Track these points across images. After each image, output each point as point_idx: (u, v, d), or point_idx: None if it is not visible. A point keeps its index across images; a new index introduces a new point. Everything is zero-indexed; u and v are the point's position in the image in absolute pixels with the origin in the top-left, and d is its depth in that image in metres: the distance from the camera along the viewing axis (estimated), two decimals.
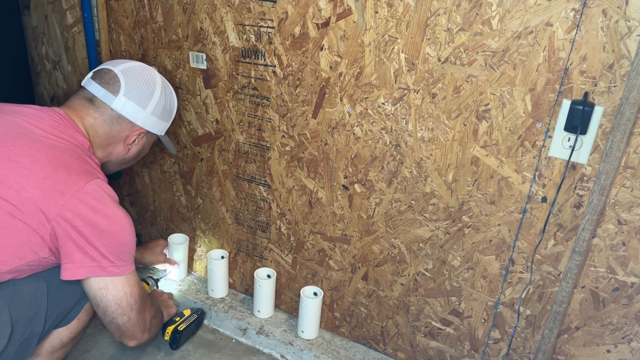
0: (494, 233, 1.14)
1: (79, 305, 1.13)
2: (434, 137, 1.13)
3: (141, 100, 1.15)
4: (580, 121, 0.96)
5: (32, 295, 1.00)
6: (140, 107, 1.15)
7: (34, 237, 0.95)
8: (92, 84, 1.13)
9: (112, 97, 1.11)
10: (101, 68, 1.16)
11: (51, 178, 0.95)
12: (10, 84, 1.69)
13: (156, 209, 1.69)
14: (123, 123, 1.14)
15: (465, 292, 1.23)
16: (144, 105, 1.16)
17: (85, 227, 0.96)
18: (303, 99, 1.26)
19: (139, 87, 1.15)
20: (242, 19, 1.26)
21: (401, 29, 1.08)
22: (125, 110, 1.13)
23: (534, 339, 1.19)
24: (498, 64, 1.02)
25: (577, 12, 0.92)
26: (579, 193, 1.03)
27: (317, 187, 1.33)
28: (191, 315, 1.48)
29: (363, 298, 1.38)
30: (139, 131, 1.17)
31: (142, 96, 1.15)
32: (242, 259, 1.57)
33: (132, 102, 1.13)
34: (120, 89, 1.12)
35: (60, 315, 1.09)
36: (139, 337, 1.12)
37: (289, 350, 1.44)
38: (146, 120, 1.17)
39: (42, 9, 1.62)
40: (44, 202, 0.94)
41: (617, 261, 1.04)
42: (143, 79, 1.16)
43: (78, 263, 0.98)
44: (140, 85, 1.15)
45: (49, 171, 0.96)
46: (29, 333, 1.00)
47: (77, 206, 0.95)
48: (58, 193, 0.95)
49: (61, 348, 1.14)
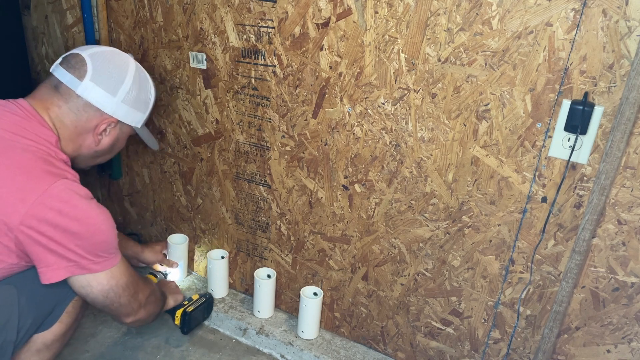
0: (494, 233, 1.14)
1: (59, 309, 1.09)
2: (434, 137, 1.13)
3: (110, 86, 1.06)
4: (580, 121, 0.96)
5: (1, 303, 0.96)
6: (109, 93, 1.06)
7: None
8: (59, 69, 1.05)
9: (77, 82, 1.03)
10: (70, 53, 1.08)
11: (7, 186, 0.90)
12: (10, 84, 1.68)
13: (156, 209, 1.69)
14: (90, 111, 1.05)
15: (465, 292, 1.23)
16: (112, 91, 1.06)
17: (54, 231, 0.91)
18: (303, 99, 1.26)
19: (108, 72, 1.06)
20: (242, 19, 1.26)
21: (401, 29, 1.08)
22: (91, 96, 1.04)
23: (534, 339, 1.19)
24: (498, 64, 1.02)
25: (577, 12, 0.92)
26: (579, 193, 1.03)
27: (317, 187, 1.33)
28: (199, 298, 1.48)
29: (363, 298, 1.38)
30: (108, 120, 1.08)
31: (111, 82, 1.06)
32: (242, 259, 1.57)
33: (99, 88, 1.04)
34: (86, 73, 1.03)
35: (38, 320, 1.05)
36: (134, 314, 1.10)
37: (289, 350, 1.44)
38: (116, 108, 1.08)
39: (42, 9, 1.62)
40: (4, 213, 0.89)
41: (617, 261, 1.04)
42: (113, 64, 1.07)
43: (54, 265, 0.93)
44: (110, 70, 1.06)
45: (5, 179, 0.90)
46: (1, 341, 0.96)
47: (41, 211, 0.90)
48: (18, 201, 0.89)
49: (46, 349, 1.10)
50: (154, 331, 1.52)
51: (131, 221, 1.77)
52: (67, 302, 1.11)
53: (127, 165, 1.68)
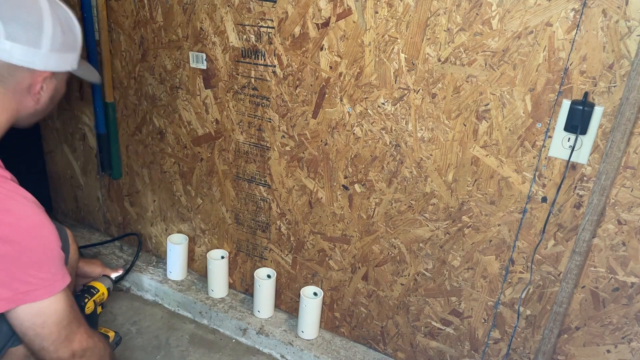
0: (494, 233, 1.14)
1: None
2: (434, 137, 1.13)
3: (30, 40, 0.90)
4: (580, 121, 0.96)
5: None
6: (32, 47, 0.90)
7: None
8: None
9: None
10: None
11: None
12: None
13: (156, 209, 1.69)
14: (18, 73, 0.90)
15: (465, 292, 1.23)
16: (35, 44, 0.90)
17: None
18: (303, 99, 1.26)
19: (22, 22, 0.89)
20: (242, 19, 1.26)
21: (401, 29, 1.08)
22: (15, 56, 0.89)
23: (534, 339, 1.19)
24: (498, 64, 1.02)
25: (577, 12, 0.92)
26: (579, 193, 1.03)
27: (317, 187, 1.33)
28: None
29: (363, 298, 1.38)
30: (42, 76, 0.94)
31: (30, 33, 0.90)
32: (242, 259, 1.57)
33: (19, 45, 0.89)
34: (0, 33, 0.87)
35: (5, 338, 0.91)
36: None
37: (289, 350, 1.44)
38: (47, 59, 0.93)
39: None
40: None
41: (617, 261, 1.04)
42: (24, 12, 0.90)
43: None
44: (23, 20, 0.89)
45: None
46: None
47: None
48: None
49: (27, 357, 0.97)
50: (154, 331, 1.52)
51: (131, 221, 1.77)
52: None
53: (127, 165, 1.68)
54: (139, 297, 1.68)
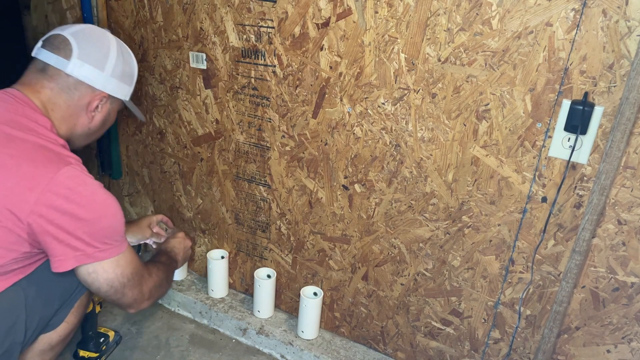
0: (494, 233, 1.14)
1: (65, 309, 1.10)
2: (434, 137, 1.13)
3: (97, 62, 1.06)
4: (580, 121, 0.96)
5: (9, 305, 0.96)
6: (98, 68, 1.07)
7: (10, 236, 0.92)
8: (43, 52, 1.04)
9: (65, 62, 1.03)
10: (50, 34, 1.07)
11: (14, 176, 0.91)
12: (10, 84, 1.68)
13: (156, 209, 1.69)
14: (82, 88, 1.06)
15: (465, 292, 1.23)
16: (101, 66, 1.07)
17: (62, 218, 0.92)
18: (303, 99, 1.26)
19: (93, 48, 1.06)
20: (242, 19, 1.26)
21: (401, 29, 1.08)
22: (81, 73, 1.05)
23: (534, 339, 1.19)
24: (498, 64, 1.02)
25: (577, 12, 0.92)
26: (579, 193, 1.03)
27: (317, 187, 1.33)
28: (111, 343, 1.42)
29: (363, 298, 1.38)
30: (100, 95, 1.08)
31: (98, 57, 1.07)
32: (242, 259, 1.57)
33: (87, 65, 1.05)
34: (72, 52, 1.03)
35: (43, 321, 1.05)
36: (137, 306, 1.09)
37: (289, 350, 1.44)
38: (106, 82, 1.09)
39: (42, 9, 1.62)
40: (13, 203, 0.90)
41: (617, 261, 1.04)
42: (96, 40, 1.08)
43: (62, 256, 0.94)
44: (94, 46, 1.07)
45: (11, 169, 0.91)
46: (9, 343, 0.97)
47: (50, 199, 0.91)
48: (27, 190, 0.90)
49: (50, 350, 1.12)
50: (154, 331, 1.52)
51: None
52: (73, 303, 1.12)
53: (127, 165, 1.68)
54: None
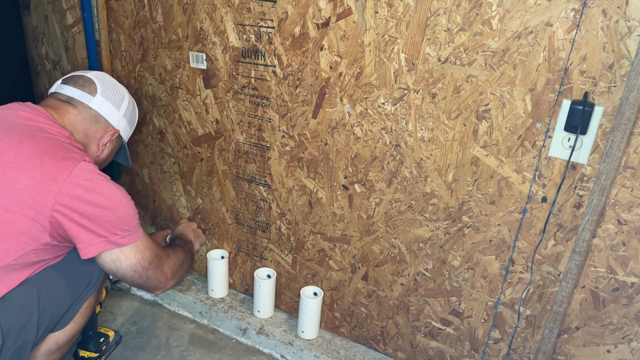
0: (494, 233, 1.14)
1: (74, 309, 1.14)
2: (434, 137, 1.13)
3: (116, 102, 1.21)
4: (580, 121, 0.96)
5: (22, 304, 1.00)
6: (115, 107, 1.21)
7: (32, 226, 0.97)
8: (66, 87, 1.17)
9: (90, 97, 1.16)
10: (72, 75, 1.21)
11: (40, 167, 0.98)
12: (10, 84, 1.69)
13: (156, 209, 1.69)
14: (100, 122, 1.18)
15: (465, 292, 1.23)
16: (118, 106, 1.21)
17: (84, 207, 0.99)
18: (303, 99, 1.26)
19: (113, 90, 1.21)
20: (242, 19, 1.26)
21: (401, 29, 1.08)
22: (103, 109, 1.18)
23: (534, 339, 1.19)
24: (498, 64, 1.02)
25: (577, 12, 0.92)
26: (579, 193, 1.03)
27: (317, 187, 1.33)
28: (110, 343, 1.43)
29: (363, 298, 1.38)
30: (112, 132, 1.21)
31: (117, 98, 1.22)
32: (242, 259, 1.57)
33: (108, 102, 1.19)
34: (97, 90, 1.17)
35: (54, 320, 1.09)
36: (162, 287, 1.19)
37: (289, 350, 1.44)
38: (119, 121, 1.22)
39: (42, 9, 1.62)
40: (38, 192, 0.96)
41: (617, 261, 1.04)
42: (114, 84, 1.23)
43: (87, 241, 1.01)
44: (114, 89, 1.22)
45: (35, 161, 0.98)
46: (21, 341, 1.01)
47: (72, 189, 0.98)
48: (50, 181, 0.97)
49: (57, 350, 1.15)
50: (153, 331, 1.52)
51: None
52: (81, 303, 1.16)
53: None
54: (139, 297, 1.68)
